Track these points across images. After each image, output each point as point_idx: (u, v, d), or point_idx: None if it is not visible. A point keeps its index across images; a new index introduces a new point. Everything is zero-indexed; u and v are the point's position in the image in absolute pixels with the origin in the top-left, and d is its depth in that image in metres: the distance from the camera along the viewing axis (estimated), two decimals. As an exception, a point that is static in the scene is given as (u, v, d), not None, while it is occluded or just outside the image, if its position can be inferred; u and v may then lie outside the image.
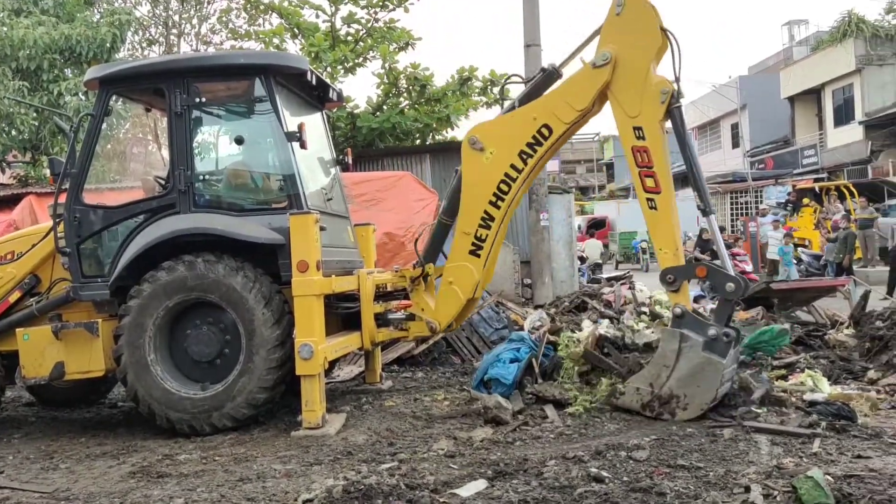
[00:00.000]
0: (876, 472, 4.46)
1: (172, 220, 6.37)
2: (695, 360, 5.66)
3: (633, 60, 5.81)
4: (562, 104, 6.10)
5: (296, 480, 4.80)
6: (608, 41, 5.89)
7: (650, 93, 5.76)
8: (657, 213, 5.86)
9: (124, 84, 6.83)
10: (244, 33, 17.29)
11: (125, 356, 6.21)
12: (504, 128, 6.39)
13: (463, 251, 6.65)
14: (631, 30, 5.82)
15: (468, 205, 6.54)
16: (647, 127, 5.79)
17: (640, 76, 5.79)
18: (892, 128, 32.23)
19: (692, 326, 5.74)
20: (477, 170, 6.45)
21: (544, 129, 6.15)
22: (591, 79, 5.95)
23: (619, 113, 5.92)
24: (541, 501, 4.17)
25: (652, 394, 5.85)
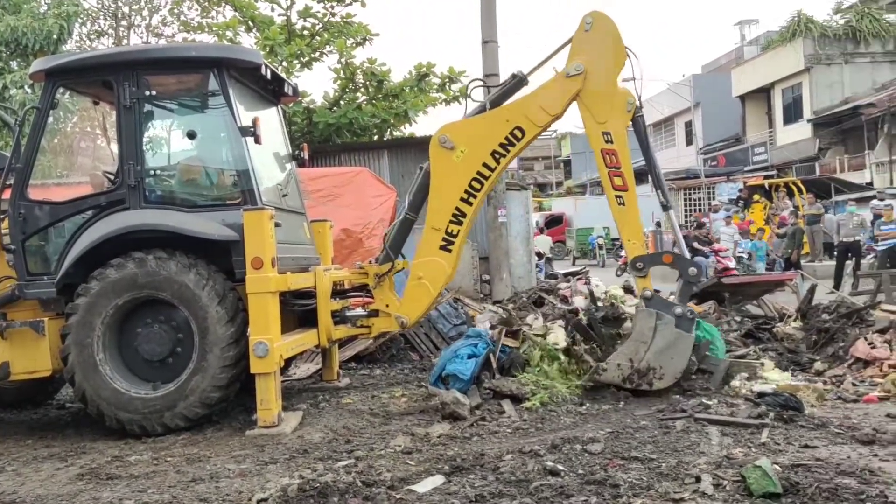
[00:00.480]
0: (822, 462, 4.57)
1: (122, 217, 6.23)
2: (668, 335, 6.35)
3: (601, 73, 6.43)
4: (535, 108, 6.52)
5: (250, 480, 4.74)
6: (579, 54, 6.45)
7: (618, 103, 6.44)
8: (625, 209, 6.50)
9: (71, 76, 6.64)
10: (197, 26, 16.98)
11: (73, 356, 6.06)
12: (476, 128, 6.63)
13: (433, 246, 6.72)
14: (599, 46, 6.44)
15: (439, 201, 6.66)
16: (616, 132, 6.44)
17: (609, 87, 6.45)
18: (838, 126, 33.16)
19: (661, 306, 6.45)
20: (448, 168, 6.62)
21: (517, 131, 6.52)
22: (564, 87, 6.47)
23: (588, 119, 6.49)
24: (497, 496, 4.18)
25: (632, 368, 6.40)
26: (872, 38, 33.85)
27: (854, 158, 32.05)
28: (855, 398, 6.46)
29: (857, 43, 33.95)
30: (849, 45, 34.00)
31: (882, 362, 7.13)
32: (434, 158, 6.67)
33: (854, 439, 5.08)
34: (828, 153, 33.65)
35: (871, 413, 5.91)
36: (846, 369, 7.29)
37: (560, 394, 6.63)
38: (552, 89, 6.50)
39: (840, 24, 34.51)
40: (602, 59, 6.41)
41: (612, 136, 6.41)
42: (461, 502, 4.13)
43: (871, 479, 4.22)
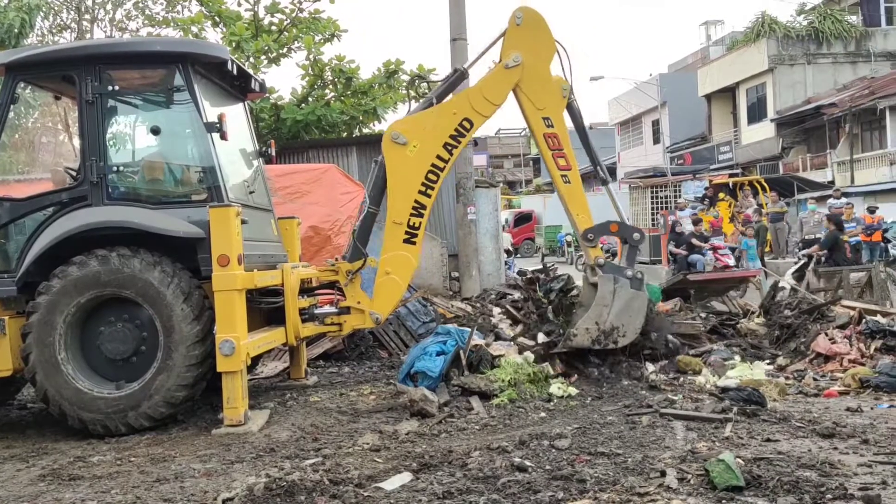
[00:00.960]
0: (784, 455, 4.66)
1: (84, 213, 6.12)
2: (626, 296, 6.94)
3: (536, 63, 6.90)
4: (480, 100, 6.84)
5: (216, 479, 4.70)
6: (514, 47, 6.86)
7: (554, 89, 6.97)
8: (571, 186, 7.11)
9: (32, 70, 6.50)
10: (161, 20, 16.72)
11: (34, 355, 5.94)
12: (426, 122, 6.84)
13: (397, 241, 6.82)
14: (532, 38, 6.90)
15: (398, 196, 6.79)
16: (554, 116, 6.98)
17: (544, 76, 6.93)
18: (801, 126, 33.75)
19: (615, 271, 7.03)
20: (403, 163, 6.78)
21: (465, 122, 6.82)
22: (505, 78, 6.85)
23: (528, 106, 6.94)
24: (465, 492, 4.19)
25: (598, 330, 6.92)
26: (834, 39, 34.50)
27: (816, 157, 32.65)
28: (816, 393, 6.60)
29: (820, 44, 34.57)
30: (811, 46, 34.61)
31: (842, 357, 7.29)
32: (388, 155, 6.80)
33: (815, 433, 5.19)
34: (791, 152, 34.23)
35: (832, 407, 6.04)
36: (807, 364, 7.44)
37: (528, 390, 6.67)
38: (494, 81, 6.85)
39: (803, 25, 35.11)
40: (536, 50, 6.85)
41: (552, 121, 6.95)
42: (429, 499, 4.13)
43: (830, 472, 4.32)
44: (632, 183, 27.41)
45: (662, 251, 21.69)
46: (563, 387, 6.80)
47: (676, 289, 9.87)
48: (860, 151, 30.61)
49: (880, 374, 6.53)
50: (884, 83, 30.81)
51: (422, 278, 11.61)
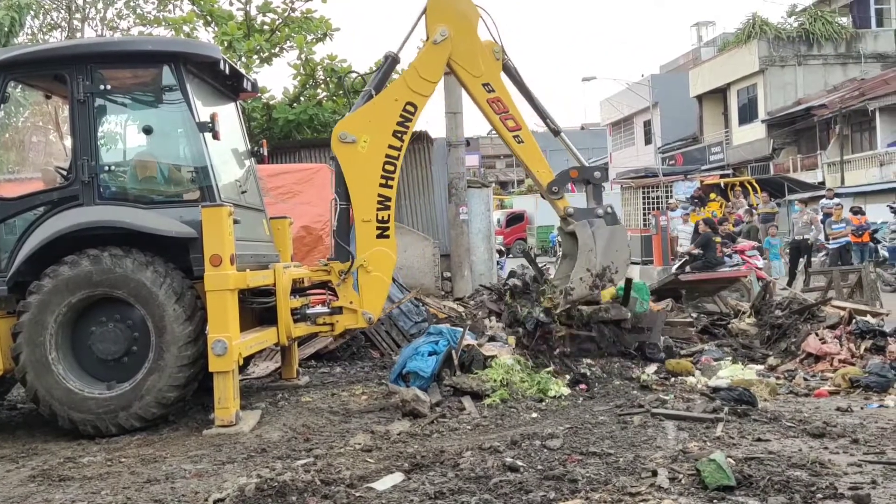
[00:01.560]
0: (774, 455, 4.69)
1: (75, 213, 6.10)
2: (605, 234, 7.12)
3: (463, 32, 6.90)
4: (417, 80, 6.84)
5: (207, 480, 4.69)
6: (438, 21, 6.85)
7: (486, 54, 7.00)
8: (525, 145, 7.21)
9: (23, 69, 6.47)
10: (153, 19, 16.64)
11: (24, 355, 5.91)
12: (370, 115, 6.82)
13: (371, 237, 6.85)
14: (452, 10, 6.89)
15: (361, 194, 6.80)
16: (493, 81, 7.03)
17: (474, 43, 6.95)
18: (792, 126, 33.91)
19: (586, 214, 7.27)
20: (357, 160, 6.79)
21: (409, 107, 6.82)
22: (436, 54, 6.86)
23: (466, 76, 6.99)
24: (456, 492, 4.20)
25: (592, 276, 7.03)
26: (825, 40, 34.66)
27: (807, 158, 32.81)
28: (806, 392, 6.64)
29: (811, 45, 34.74)
30: (802, 48, 34.77)
31: (832, 357, 7.34)
32: (340, 156, 6.81)
33: (805, 432, 5.22)
34: (781, 153, 34.39)
35: (822, 407, 6.08)
36: (798, 364, 7.48)
37: (520, 390, 6.68)
38: (426, 59, 6.84)
39: (794, 26, 35.27)
40: (459, 20, 6.88)
41: (492, 85, 7.00)
42: (420, 499, 4.14)
43: (821, 472, 4.35)
44: (623, 183, 27.46)
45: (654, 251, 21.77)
46: (557, 386, 6.80)
47: (668, 289, 9.89)
48: (850, 152, 30.78)
49: (870, 373, 6.57)
50: (874, 84, 30.99)
51: (414, 278, 11.62)
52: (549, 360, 7.12)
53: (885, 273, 15.49)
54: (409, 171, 12.73)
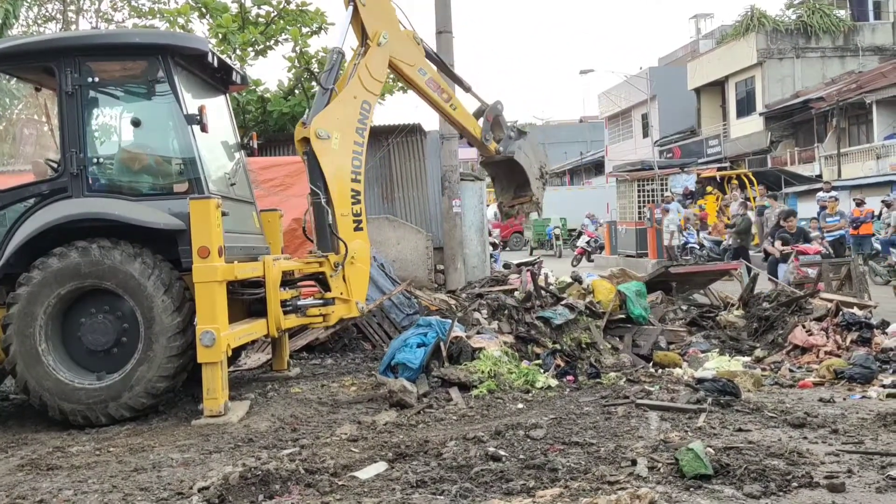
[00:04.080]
0: (754, 444, 4.74)
1: (64, 205, 6.14)
2: (527, 146, 8.53)
3: (395, 31, 7.49)
4: (370, 80, 7.24)
5: (193, 469, 4.74)
6: (374, 24, 7.33)
7: (413, 45, 7.67)
8: (458, 109, 8.05)
9: (12, 62, 6.51)
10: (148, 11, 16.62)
11: (14, 346, 5.96)
12: (337, 112, 7.08)
13: (349, 230, 7.06)
14: (381, 12, 7.44)
15: (338, 190, 7.01)
16: (424, 65, 7.73)
17: (404, 38, 7.58)
18: (789, 119, 33.91)
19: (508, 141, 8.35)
20: (332, 156, 7.01)
21: (365, 105, 7.20)
22: (382, 55, 7.33)
23: (405, 67, 7.54)
24: (438, 481, 4.25)
25: (540, 178, 8.63)
26: (823, 33, 34.67)
27: (804, 151, 32.85)
28: (791, 384, 6.69)
29: (808, 38, 34.74)
30: (800, 40, 34.78)
31: (819, 349, 7.38)
32: (319, 152, 6.98)
33: (786, 423, 5.27)
34: (779, 146, 34.42)
35: (805, 398, 6.13)
36: (785, 356, 7.53)
37: (508, 381, 6.73)
38: (374, 60, 7.28)
39: (792, 19, 35.25)
40: (388, 21, 7.46)
41: (424, 69, 7.69)
42: (402, 488, 4.19)
43: (798, 461, 4.40)
44: (619, 176, 27.50)
45: (649, 244, 21.84)
46: (544, 378, 6.87)
47: (658, 282, 9.92)
48: (847, 145, 30.80)
49: (854, 365, 6.62)
50: (871, 77, 30.99)
51: (407, 271, 11.65)
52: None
53: (877, 266, 15.53)
54: (402, 164, 12.75)
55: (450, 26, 12.28)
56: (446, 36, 12.21)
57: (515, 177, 8.65)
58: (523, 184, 8.62)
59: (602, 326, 8.15)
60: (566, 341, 7.74)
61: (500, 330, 7.84)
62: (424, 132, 12.87)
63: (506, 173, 8.74)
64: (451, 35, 12.28)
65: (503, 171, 8.77)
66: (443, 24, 12.25)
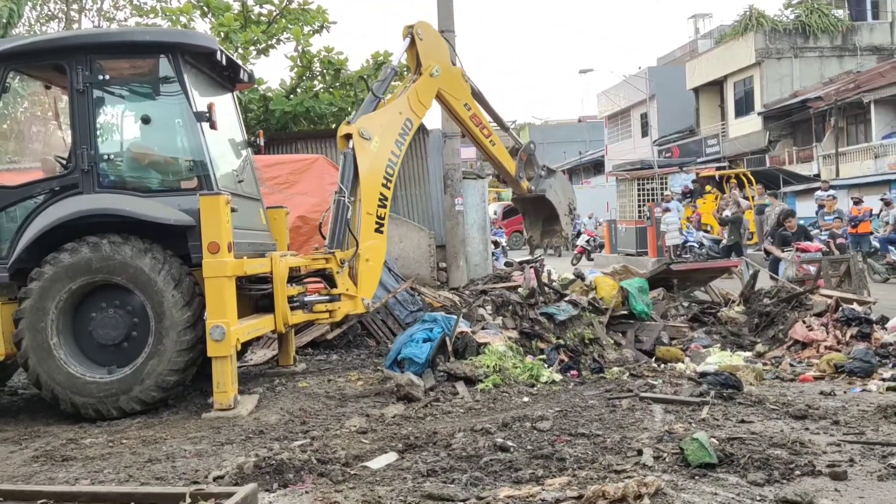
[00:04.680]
0: (757, 435, 4.84)
1: (75, 201, 6.21)
2: (558, 184, 9.10)
3: (447, 67, 7.97)
4: (416, 103, 7.68)
5: (206, 459, 4.82)
6: (429, 58, 7.81)
7: (462, 81, 8.13)
8: (497, 145, 8.48)
9: (23, 60, 6.58)
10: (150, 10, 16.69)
11: (26, 340, 6.04)
12: (381, 120, 7.38)
13: (370, 230, 7.16)
14: (435, 48, 7.94)
15: (368, 188, 7.17)
16: (469, 100, 8.17)
17: (454, 74, 8.05)
18: (788, 119, 34.02)
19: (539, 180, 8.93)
20: (369, 157, 7.21)
21: (408, 122, 7.55)
22: (432, 85, 7.80)
23: (451, 101, 8.01)
24: (448, 470, 4.34)
25: (569, 214, 9.10)
26: (821, 32, 34.77)
27: (802, 150, 32.96)
28: (792, 378, 6.79)
29: (807, 37, 34.84)
30: (798, 40, 34.87)
31: (819, 344, 7.48)
32: (358, 150, 7.18)
33: (788, 414, 5.37)
34: (777, 145, 34.52)
35: (806, 391, 6.22)
36: (785, 351, 7.63)
37: (513, 376, 6.82)
38: (424, 88, 7.72)
39: (790, 18, 35.34)
40: (441, 56, 7.90)
41: (469, 104, 8.13)
42: (413, 477, 4.27)
43: (801, 451, 4.49)
44: (618, 175, 27.60)
45: (649, 242, 21.96)
46: (548, 372, 6.96)
47: (660, 279, 10.01)
48: (845, 145, 30.91)
49: (854, 359, 6.72)
50: (869, 77, 31.10)
51: (410, 268, 11.73)
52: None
53: (875, 263, 15.63)
54: (405, 162, 12.72)
55: (452, 25, 12.36)
56: (448, 35, 12.23)
57: (544, 212, 9.16)
58: (551, 218, 9.16)
59: (605, 322, 8.24)
60: (570, 337, 7.83)
61: (504, 325, 7.95)
62: (427, 131, 12.95)
63: (535, 209, 9.23)
64: (453, 34, 12.34)
65: (533, 207, 9.27)
66: (445, 22, 12.32)
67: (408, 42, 7.74)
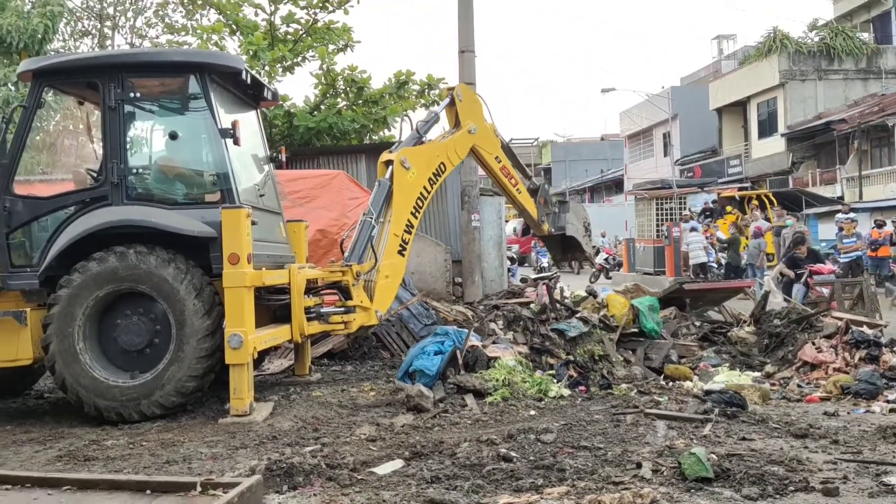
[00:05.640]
0: (756, 452, 4.95)
1: (105, 212, 6.49)
2: (575, 218, 9.67)
3: (482, 125, 8.58)
4: (452, 153, 8.24)
5: (221, 462, 5.03)
6: (467, 117, 8.44)
7: (494, 137, 8.69)
8: (522, 193, 8.96)
9: (58, 77, 6.90)
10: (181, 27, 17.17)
11: (54, 345, 6.29)
12: (422, 156, 7.92)
13: (394, 250, 7.48)
14: (474, 108, 8.56)
15: (399, 212, 7.57)
16: (500, 154, 8.73)
17: (488, 131, 8.62)
18: (811, 141, 33.88)
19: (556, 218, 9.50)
20: (405, 185, 7.64)
21: (441, 166, 8.08)
22: (468, 140, 8.37)
23: (485, 155, 8.57)
24: (451, 478, 4.50)
25: (586, 235, 9.81)
26: (846, 55, 34.66)
27: (826, 172, 32.77)
28: (799, 398, 6.86)
29: (831, 60, 34.74)
30: (823, 62, 34.78)
31: (827, 366, 7.54)
32: (397, 175, 7.61)
33: (789, 433, 5.46)
34: (801, 167, 34.36)
35: (811, 411, 6.30)
36: (794, 372, 7.69)
37: (521, 390, 6.97)
38: (461, 141, 8.31)
39: (815, 41, 35.28)
40: (477, 115, 8.54)
41: (500, 157, 8.70)
42: (417, 483, 4.45)
43: (797, 468, 4.60)
44: (637, 194, 27.65)
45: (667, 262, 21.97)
46: (557, 387, 7.09)
47: (673, 298, 10.10)
48: (869, 167, 30.71)
49: (860, 381, 6.78)
50: (894, 100, 30.92)
51: (426, 283, 11.92)
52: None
53: (894, 287, 15.56)
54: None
55: (472, 45, 12.61)
56: (468, 55, 12.53)
57: (565, 240, 9.85)
58: (573, 247, 9.93)
59: (615, 339, 8.37)
60: (579, 353, 7.97)
61: (515, 340, 8.11)
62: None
63: (556, 240, 9.90)
64: (473, 54, 12.61)
65: (554, 239, 9.95)
66: (465, 43, 12.58)
67: (448, 101, 8.42)
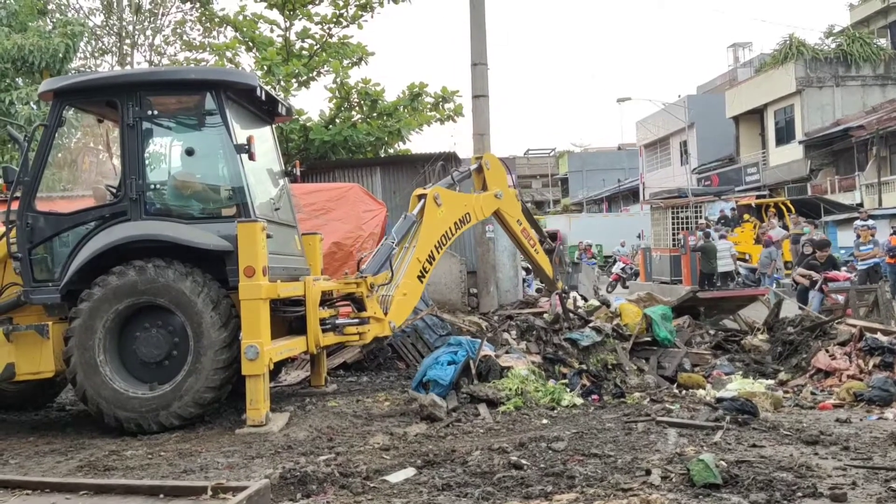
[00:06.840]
0: (766, 459, 4.96)
1: (124, 227, 6.65)
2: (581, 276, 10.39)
3: (506, 190, 9.14)
4: (479, 209, 8.83)
5: (237, 471, 5.13)
6: (494, 184, 9.03)
7: (516, 202, 9.30)
8: (540, 254, 9.47)
9: (79, 96, 7.09)
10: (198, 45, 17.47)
11: (75, 357, 6.44)
12: (453, 199, 8.55)
13: (414, 273, 7.85)
14: (500, 176, 9.16)
15: (425, 241, 8.02)
16: (521, 217, 9.33)
17: (512, 197, 9.23)
18: (829, 147, 33.66)
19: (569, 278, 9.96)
20: (434, 218, 8.20)
21: (467, 216, 8.66)
22: (492, 203, 8.96)
23: (508, 217, 9.15)
24: (462, 485, 4.57)
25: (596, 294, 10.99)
26: (863, 61, 34.46)
27: (844, 179, 32.52)
28: (812, 405, 6.86)
29: (849, 66, 34.55)
30: (840, 69, 34.60)
31: (841, 373, 7.52)
32: (428, 208, 8.17)
33: (800, 440, 5.47)
34: (819, 174, 34.13)
35: (823, 418, 6.30)
36: (808, 379, 7.68)
37: (534, 399, 7.02)
38: (487, 202, 8.91)
39: (831, 47, 35.12)
40: (502, 182, 9.15)
41: (521, 220, 9.30)
42: (429, 491, 4.52)
43: (806, 474, 4.61)
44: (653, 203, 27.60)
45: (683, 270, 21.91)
46: (569, 396, 7.15)
47: (688, 307, 10.12)
48: (888, 174, 30.45)
49: (873, 388, 6.77)
50: (912, 106, 30.70)
51: (441, 293, 12.02)
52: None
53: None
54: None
55: (485, 58, 12.75)
56: (481, 68, 12.67)
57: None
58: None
59: (628, 348, 8.41)
60: (592, 362, 8.02)
61: (528, 350, 8.17)
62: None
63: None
64: (486, 67, 12.75)
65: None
66: (478, 56, 12.72)
67: (475, 167, 9.09)
